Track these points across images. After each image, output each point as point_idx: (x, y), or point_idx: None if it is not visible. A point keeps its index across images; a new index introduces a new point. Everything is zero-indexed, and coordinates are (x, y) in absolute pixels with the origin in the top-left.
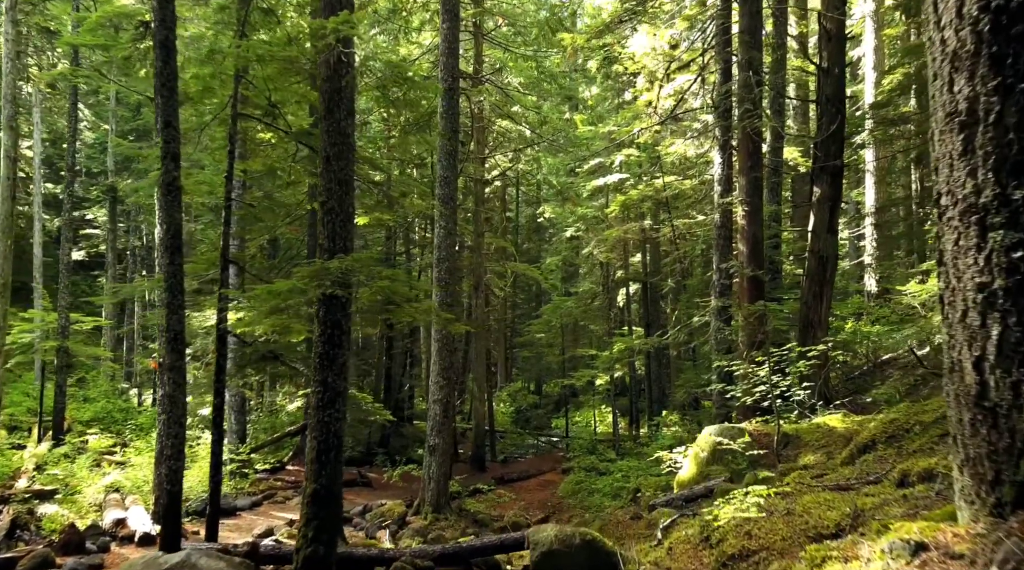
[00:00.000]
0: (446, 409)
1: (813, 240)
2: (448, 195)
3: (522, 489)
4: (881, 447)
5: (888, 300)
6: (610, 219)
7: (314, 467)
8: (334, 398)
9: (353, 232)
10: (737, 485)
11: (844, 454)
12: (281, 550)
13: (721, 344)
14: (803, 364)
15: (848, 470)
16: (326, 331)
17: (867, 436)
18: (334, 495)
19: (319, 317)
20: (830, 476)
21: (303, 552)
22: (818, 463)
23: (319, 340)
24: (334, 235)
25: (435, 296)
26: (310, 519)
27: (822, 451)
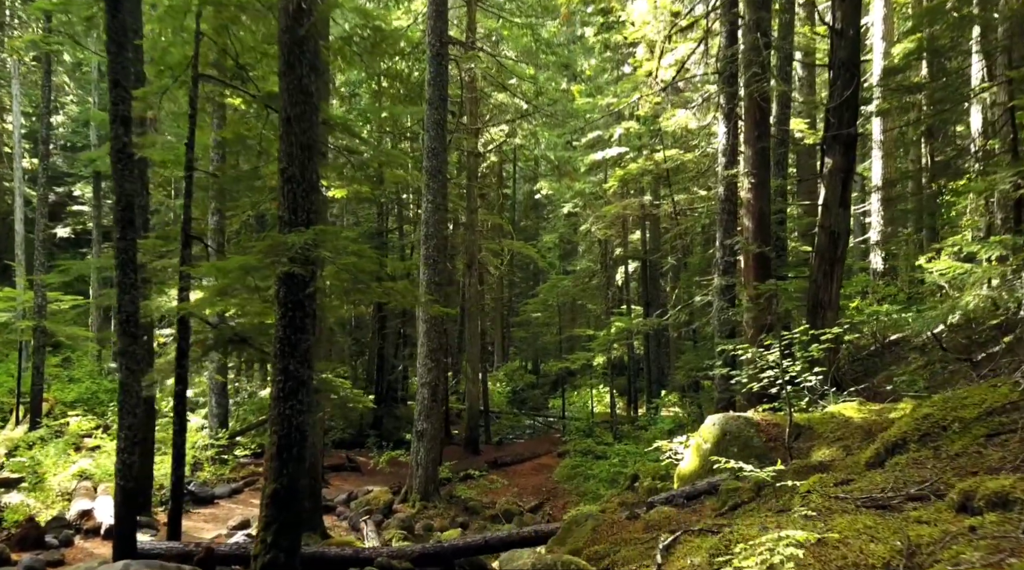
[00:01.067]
0: (435, 392)
1: (823, 214)
2: (436, 167)
3: (516, 473)
4: (914, 447)
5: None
6: (609, 195)
7: (274, 465)
8: (296, 388)
9: (317, 203)
10: (744, 483)
11: (869, 453)
12: (248, 550)
13: (724, 325)
14: (815, 348)
15: (879, 476)
16: (287, 313)
17: (896, 433)
18: (296, 495)
19: (279, 298)
20: (858, 484)
21: (261, 559)
22: (837, 460)
23: (280, 324)
24: (295, 206)
25: (423, 275)
26: (269, 522)
27: (838, 445)
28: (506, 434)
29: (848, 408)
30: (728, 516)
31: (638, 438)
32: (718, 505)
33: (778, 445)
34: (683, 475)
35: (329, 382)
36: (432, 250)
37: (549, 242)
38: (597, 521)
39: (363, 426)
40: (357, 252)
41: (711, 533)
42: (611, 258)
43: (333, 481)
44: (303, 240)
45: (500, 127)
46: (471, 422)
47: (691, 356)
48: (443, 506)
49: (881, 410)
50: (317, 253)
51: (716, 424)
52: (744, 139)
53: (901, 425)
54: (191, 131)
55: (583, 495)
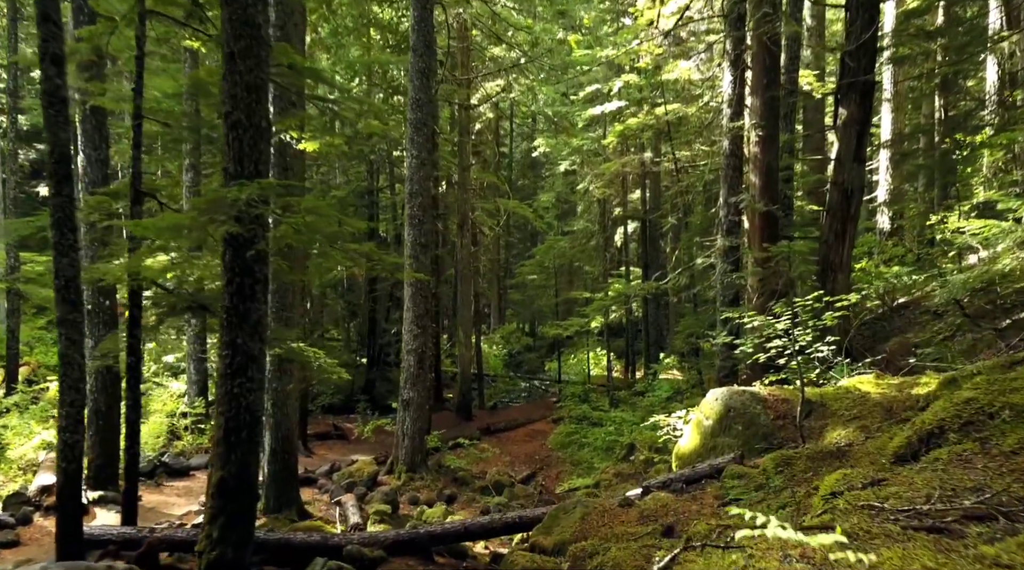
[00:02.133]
0: (421, 360)
1: (836, 170)
2: (421, 120)
3: (509, 440)
4: (954, 438)
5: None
6: (608, 151)
7: (220, 450)
8: (246, 364)
9: (268, 153)
10: (751, 468)
11: (898, 441)
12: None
13: (727, 289)
14: (828, 316)
15: (917, 476)
16: (234, 279)
17: (932, 420)
18: (247, 484)
19: (224, 261)
20: (894, 488)
21: (206, 557)
22: (856, 445)
23: (226, 291)
24: (241, 156)
25: (408, 235)
26: (215, 514)
27: (855, 424)
28: (501, 398)
29: (864, 382)
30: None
31: (635, 405)
32: (722, 493)
33: (787, 423)
34: (682, 454)
35: (300, 351)
36: (417, 209)
37: (546, 201)
38: (586, 508)
39: (354, 391)
40: (312, 208)
41: (718, 548)
42: (610, 218)
43: (318, 450)
44: (246, 195)
45: (496, 82)
46: (463, 387)
47: (691, 321)
48: (430, 477)
49: (902, 384)
50: (263, 211)
51: (719, 399)
52: (751, 88)
53: (937, 410)
54: (138, 74)
55: (577, 464)
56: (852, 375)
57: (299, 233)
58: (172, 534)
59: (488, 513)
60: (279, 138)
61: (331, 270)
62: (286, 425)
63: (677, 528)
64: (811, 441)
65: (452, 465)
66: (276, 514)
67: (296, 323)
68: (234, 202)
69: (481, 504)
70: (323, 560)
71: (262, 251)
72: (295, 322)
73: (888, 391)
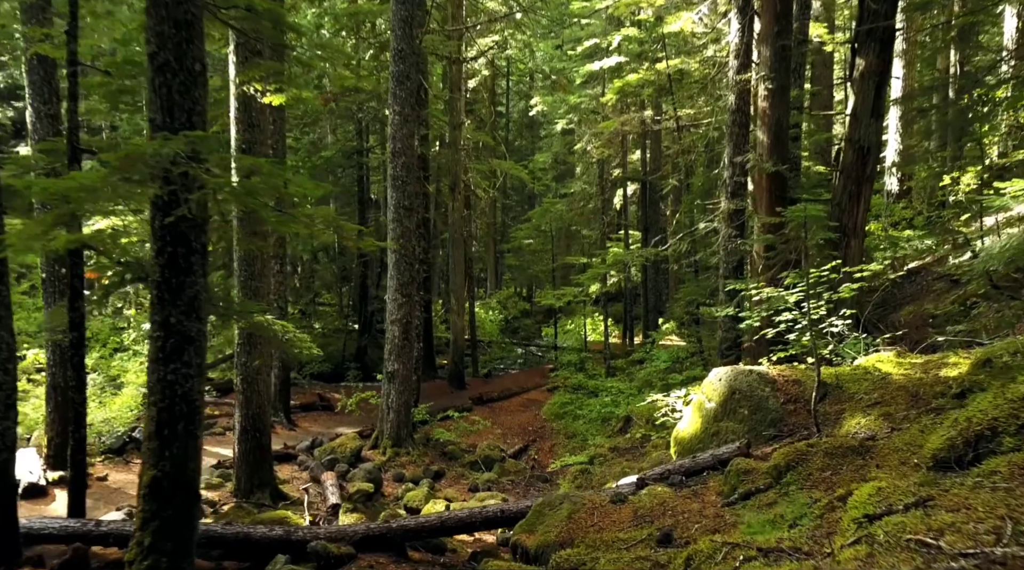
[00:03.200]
0: (406, 330)
1: (851, 125)
2: (403, 72)
3: (502, 410)
4: (1011, 443)
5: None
6: (606, 110)
7: (152, 446)
8: (181, 346)
9: (204, 101)
10: (760, 461)
11: (937, 441)
12: None
13: (731, 256)
14: (846, 288)
15: (972, 495)
16: (165, 249)
17: (981, 420)
18: (185, 484)
19: (154, 229)
20: (949, 516)
21: (136, 567)
22: (881, 438)
23: (156, 263)
24: (170, 105)
25: (391, 198)
26: (147, 520)
27: (877, 411)
28: (496, 365)
29: (884, 361)
30: (739, 507)
31: (632, 375)
32: (726, 489)
33: (798, 408)
34: (682, 439)
35: (266, 325)
36: (400, 169)
37: (542, 162)
38: (574, 504)
39: (345, 358)
40: (253, 166)
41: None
42: (608, 180)
43: (301, 422)
44: (169, 150)
45: (491, 38)
46: (455, 356)
47: (692, 288)
48: (417, 452)
49: (927, 364)
50: (192, 170)
51: (723, 380)
52: (760, 37)
53: (985, 407)
54: (72, 15)
55: (572, 436)
56: (869, 353)
57: (236, 196)
58: (121, 528)
59: (476, 490)
60: (242, 91)
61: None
62: (257, 402)
63: (676, 534)
64: (826, 428)
65: (441, 438)
66: (248, 497)
67: (266, 293)
68: (155, 158)
69: (469, 481)
70: (285, 558)
71: (199, 217)
72: (265, 292)
73: (912, 372)
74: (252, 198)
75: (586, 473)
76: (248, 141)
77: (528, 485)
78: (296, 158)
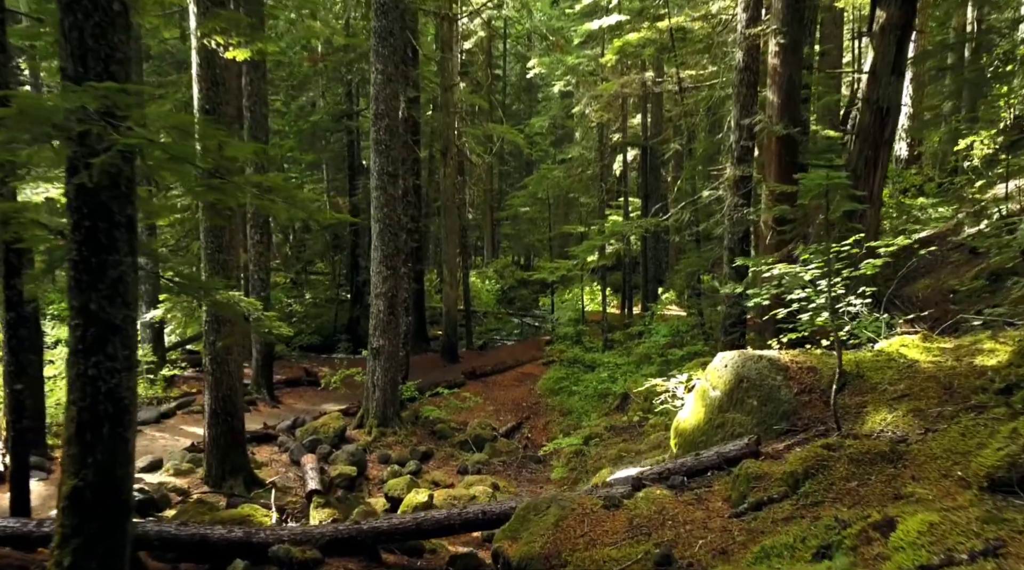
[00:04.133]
0: (392, 304)
1: (870, 85)
2: (386, 28)
3: (496, 385)
4: None
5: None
6: (606, 71)
7: (74, 451)
8: (105, 336)
9: (126, 47)
10: (772, 462)
11: (993, 457)
12: None
13: (736, 226)
14: (869, 265)
15: None
16: (82, 223)
17: None
18: (112, 495)
19: (69, 200)
20: None
21: None
22: (914, 440)
23: (72, 240)
24: (83, 52)
25: (373, 163)
26: (68, 536)
27: (905, 406)
28: (491, 337)
29: (909, 345)
30: (749, 519)
31: (630, 349)
32: (734, 495)
33: (814, 399)
34: (684, 430)
35: (230, 303)
36: (384, 132)
37: (539, 126)
38: (562, 510)
39: (336, 329)
40: (180, 125)
41: None
42: (608, 145)
43: (286, 399)
44: (73, 106)
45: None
46: (448, 329)
47: (694, 259)
48: (404, 432)
49: (958, 350)
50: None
51: (729, 366)
52: None
53: None
54: None
55: (567, 414)
56: (891, 335)
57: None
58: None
59: (465, 473)
60: (203, 44)
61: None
62: (228, 383)
63: (676, 554)
64: (846, 424)
65: (431, 416)
66: (219, 484)
67: (235, 267)
68: (55, 114)
69: (459, 462)
70: (244, 563)
71: (123, 185)
72: (233, 266)
73: (942, 359)
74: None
75: (580, 455)
76: (212, 101)
77: (520, 467)
78: (283, 122)
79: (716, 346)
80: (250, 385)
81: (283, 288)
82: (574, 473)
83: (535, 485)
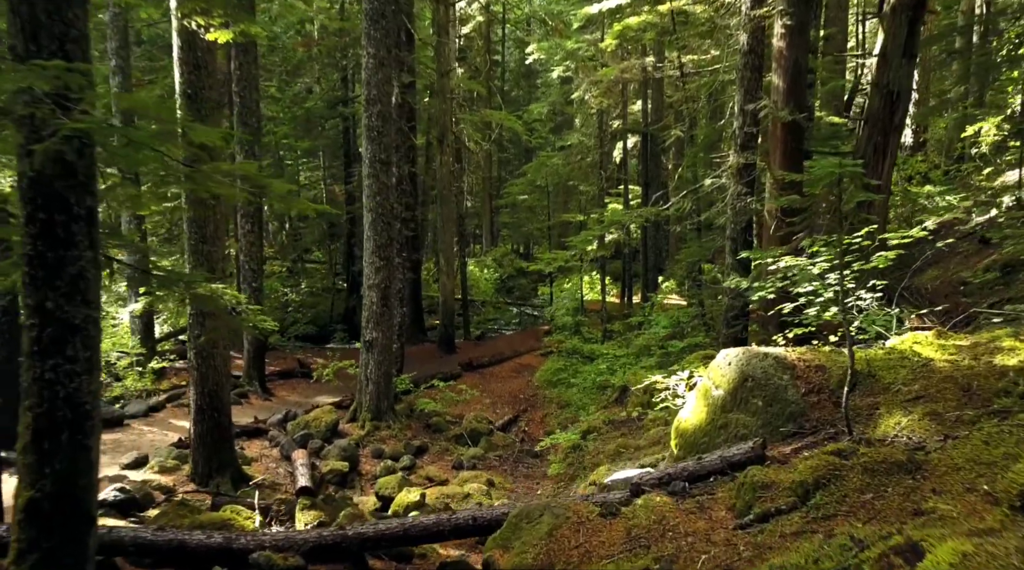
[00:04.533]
0: (385, 296)
1: (880, 68)
2: (378, 10)
3: (492, 377)
4: None
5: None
6: (605, 56)
7: (30, 460)
8: (63, 337)
9: (83, 24)
10: (780, 469)
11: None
12: None
13: (740, 216)
14: (881, 258)
15: None
16: (36, 216)
17: None
18: (73, 507)
19: (22, 190)
20: None
21: None
22: (932, 448)
23: (26, 233)
24: (35, 29)
25: (365, 150)
26: (25, 551)
27: (921, 409)
28: (490, 327)
29: (923, 342)
30: (755, 532)
31: (629, 340)
32: (739, 505)
33: (823, 400)
34: (685, 430)
35: (212, 297)
36: (376, 118)
37: (537, 113)
38: (556, 518)
39: (332, 319)
40: (135, 108)
41: None
42: (608, 132)
43: (278, 391)
44: (13, 86)
45: None
46: (445, 319)
47: (695, 249)
48: (399, 425)
49: (975, 348)
50: (42, 111)
51: (733, 364)
52: None
53: None
54: None
55: (565, 406)
56: (902, 331)
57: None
58: None
59: (460, 468)
60: (183, 25)
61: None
62: (214, 378)
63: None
64: (857, 427)
65: (426, 409)
66: (206, 481)
67: (220, 258)
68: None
69: (454, 457)
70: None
71: (81, 174)
72: (219, 257)
73: (958, 357)
74: (134, 150)
75: (578, 450)
76: (194, 85)
77: (516, 461)
78: (278, 108)
79: (718, 338)
80: (242, 377)
81: (279, 277)
82: (571, 469)
83: (531, 481)
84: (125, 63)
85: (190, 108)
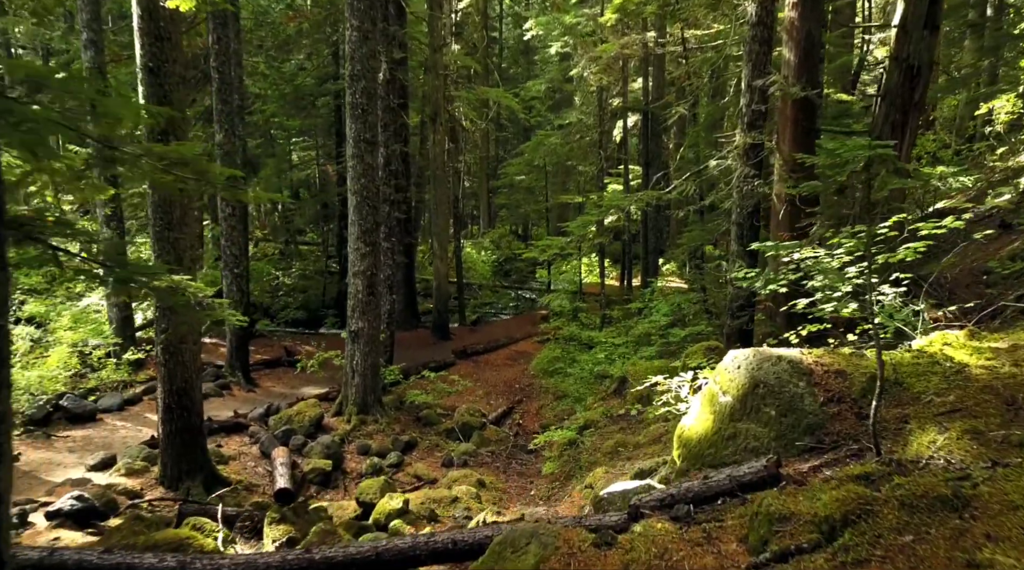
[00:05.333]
0: (372, 283)
1: (899, 40)
2: None
3: (487, 365)
4: None
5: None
6: (605, 31)
7: None
8: None
9: None
10: (798, 493)
11: None
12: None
13: (746, 200)
14: (909, 250)
15: None
16: None
17: None
18: None
19: None
20: None
21: None
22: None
23: None
24: None
25: (349, 129)
26: None
27: (958, 424)
28: (486, 311)
29: (953, 344)
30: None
31: (629, 327)
32: (752, 538)
33: (844, 410)
34: (688, 439)
35: (173, 292)
36: (360, 95)
37: (535, 90)
38: (544, 549)
39: (324, 303)
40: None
41: None
42: (608, 110)
43: (263, 381)
44: None
45: None
46: (439, 305)
47: (697, 233)
48: (386, 419)
49: (1015, 352)
50: None
51: (742, 367)
52: None
53: None
54: None
55: (561, 397)
56: (927, 329)
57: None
58: None
59: (450, 465)
60: None
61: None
62: (182, 375)
63: None
64: (885, 443)
65: (416, 401)
66: (176, 485)
67: (188, 246)
68: None
69: (444, 453)
70: None
71: None
72: (187, 245)
73: (996, 363)
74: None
75: (574, 446)
76: (156, 58)
77: (510, 458)
78: (265, 85)
79: (722, 328)
80: (224, 367)
81: (271, 260)
82: (567, 467)
83: (525, 479)
84: (97, 36)
85: (152, 83)
